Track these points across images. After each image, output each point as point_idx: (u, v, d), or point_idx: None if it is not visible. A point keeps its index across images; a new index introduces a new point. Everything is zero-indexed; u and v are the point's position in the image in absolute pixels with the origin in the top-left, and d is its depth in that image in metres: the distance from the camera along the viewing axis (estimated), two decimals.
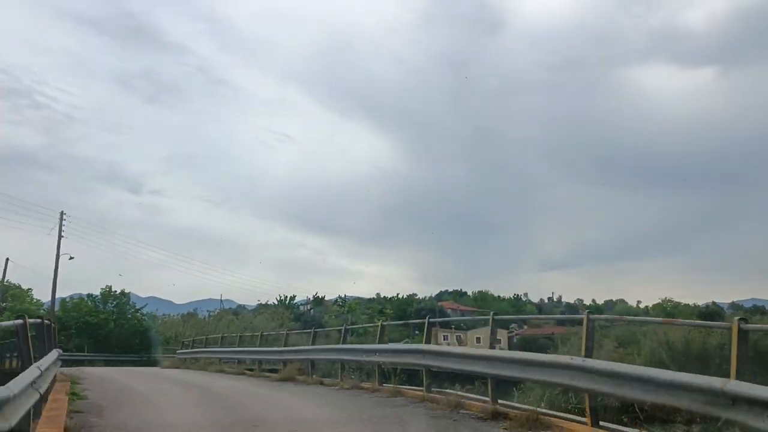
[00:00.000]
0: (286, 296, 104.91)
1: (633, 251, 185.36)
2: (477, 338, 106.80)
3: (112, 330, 43.58)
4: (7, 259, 41.88)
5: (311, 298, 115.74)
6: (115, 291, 46.28)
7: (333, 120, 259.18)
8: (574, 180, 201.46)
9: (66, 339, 41.81)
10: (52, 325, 14.34)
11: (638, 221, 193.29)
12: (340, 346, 15.98)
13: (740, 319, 5.94)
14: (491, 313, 10.50)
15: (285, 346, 20.57)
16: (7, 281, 48.41)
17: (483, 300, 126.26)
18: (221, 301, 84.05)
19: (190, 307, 70.08)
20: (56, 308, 43.44)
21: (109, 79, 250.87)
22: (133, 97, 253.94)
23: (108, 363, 42.14)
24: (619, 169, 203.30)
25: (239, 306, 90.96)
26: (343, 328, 16.98)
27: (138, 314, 46.75)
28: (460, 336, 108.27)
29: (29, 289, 47.92)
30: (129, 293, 46.97)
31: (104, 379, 19.64)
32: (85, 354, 41.58)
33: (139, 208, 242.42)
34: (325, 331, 22.06)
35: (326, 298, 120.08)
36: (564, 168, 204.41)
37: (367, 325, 19.13)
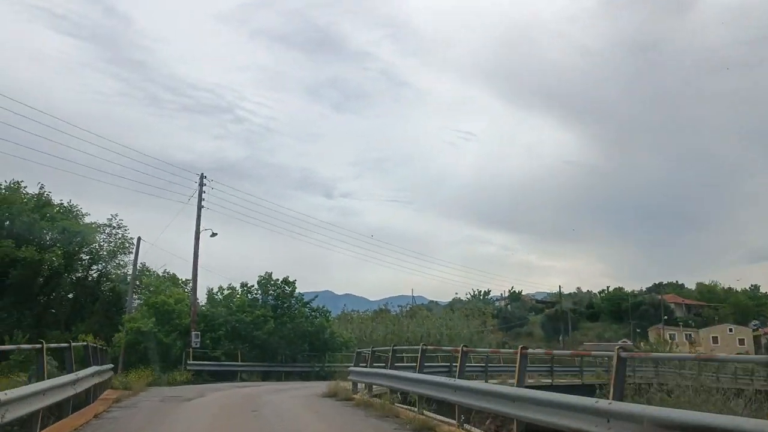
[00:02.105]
0: (480, 291, 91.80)
1: None
2: (713, 338, 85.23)
3: (273, 331, 32.14)
4: (139, 238, 32.62)
5: (506, 293, 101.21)
6: (277, 279, 34.95)
7: (515, 114, 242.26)
8: None
9: (212, 344, 31.16)
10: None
11: None
12: None
13: None
14: None
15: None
16: (165, 272, 40.04)
17: (710, 293, 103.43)
18: (413, 296, 76.68)
19: (383, 303, 63.44)
20: (203, 301, 33.25)
21: (301, 90, 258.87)
22: (323, 106, 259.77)
23: (266, 376, 30.91)
24: None
25: (431, 302, 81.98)
26: None
27: (306, 309, 34.88)
28: (690, 335, 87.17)
29: (187, 280, 38.58)
30: (294, 281, 35.26)
31: None
32: (238, 363, 30.55)
33: (332, 210, 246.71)
34: None
35: (523, 293, 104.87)
36: None
37: None
